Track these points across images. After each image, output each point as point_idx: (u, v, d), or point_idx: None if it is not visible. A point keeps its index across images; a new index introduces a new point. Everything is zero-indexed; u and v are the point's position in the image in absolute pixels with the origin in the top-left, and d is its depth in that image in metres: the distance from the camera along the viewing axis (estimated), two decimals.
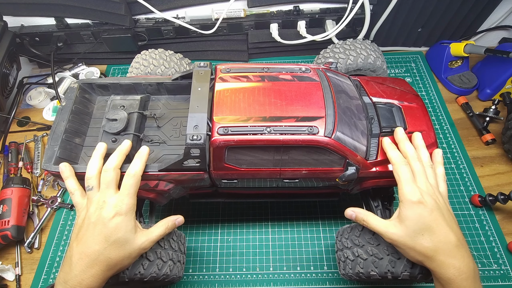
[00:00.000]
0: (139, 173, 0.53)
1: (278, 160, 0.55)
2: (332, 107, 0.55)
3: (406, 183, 0.52)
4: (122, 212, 0.50)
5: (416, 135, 0.59)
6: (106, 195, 0.51)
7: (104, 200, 0.51)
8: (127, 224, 0.51)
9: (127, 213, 0.51)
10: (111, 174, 0.52)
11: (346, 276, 0.61)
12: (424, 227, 0.50)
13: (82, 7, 0.90)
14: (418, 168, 0.54)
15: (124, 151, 0.55)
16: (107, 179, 0.52)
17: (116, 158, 0.53)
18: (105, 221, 0.50)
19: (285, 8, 0.96)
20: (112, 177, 0.52)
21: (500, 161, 0.85)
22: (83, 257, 0.49)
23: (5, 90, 0.90)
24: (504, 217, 0.76)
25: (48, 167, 0.55)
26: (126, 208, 0.51)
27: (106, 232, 0.49)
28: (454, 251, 0.49)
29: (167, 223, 0.56)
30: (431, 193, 0.52)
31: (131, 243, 0.51)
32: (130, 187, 0.52)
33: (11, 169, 0.84)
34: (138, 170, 0.53)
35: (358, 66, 0.81)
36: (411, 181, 0.52)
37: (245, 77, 0.59)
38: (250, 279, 0.70)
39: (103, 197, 0.51)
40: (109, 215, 0.50)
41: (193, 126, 0.51)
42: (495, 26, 1.00)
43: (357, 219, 0.56)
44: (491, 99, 0.94)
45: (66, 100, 0.61)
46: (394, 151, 0.56)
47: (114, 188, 0.52)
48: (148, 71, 0.80)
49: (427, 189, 0.52)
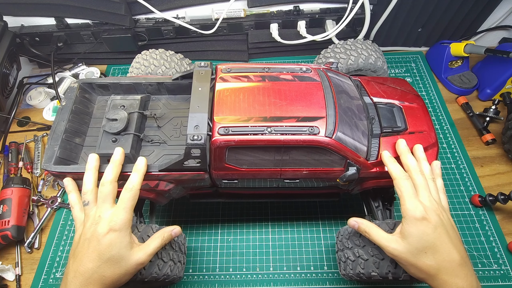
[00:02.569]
0: (137, 187, 0.52)
1: (278, 160, 0.55)
2: (333, 107, 0.55)
3: (408, 198, 0.51)
4: (116, 228, 0.49)
5: (417, 147, 0.58)
6: (102, 210, 0.50)
7: (100, 215, 0.50)
8: (121, 240, 0.49)
9: (121, 228, 0.49)
10: (108, 188, 0.51)
11: (347, 276, 0.61)
12: (428, 245, 0.48)
13: (82, 7, 0.90)
14: (420, 181, 0.53)
15: (118, 161, 0.53)
16: (104, 193, 0.51)
17: (112, 171, 0.52)
18: (99, 237, 0.48)
19: (285, 8, 0.96)
20: (109, 191, 0.51)
21: (500, 161, 0.85)
22: (77, 276, 0.48)
23: (5, 90, 0.90)
24: (504, 217, 0.76)
25: (48, 167, 0.55)
26: (120, 223, 0.49)
27: (100, 249, 0.48)
28: (458, 270, 0.48)
29: (163, 235, 0.54)
30: (434, 209, 0.50)
31: (127, 260, 0.49)
32: (127, 201, 0.50)
33: (11, 169, 0.84)
34: (136, 184, 0.51)
35: (359, 66, 0.81)
36: (414, 196, 0.51)
37: (245, 77, 0.59)
38: (250, 279, 0.70)
39: (99, 212, 0.50)
40: (103, 231, 0.48)
41: (194, 126, 0.51)
42: (495, 26, 1.00)
43: (360, 230, 0.55)
44: (491, 99, 0.94)
45: (66, 100, 0.60)
46: (394, 164, 0.55)
47: (111, 203, 0.51)
48: (148, 71, 0.80)
49: (431, 204, 0.51)
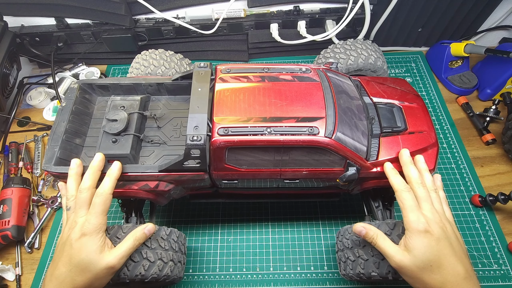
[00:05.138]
0: (108, 191, 0.52)
1: (278, 161, 0.55)
2: (333, 108, 0.55)
3: (410, 210, 0.50)
4: (87, 232, 0.50)
5: (418, 158, 0.57)
6: (78, 215, 0.51)
7: (75, 220, 0.51)
8: (91, 245, 0.49)
9: (92, 233, 0.50)
10: (85, 194, 0.52)
11: (347, 276, 0.61)
12: (432, 258, 0.48)
13: (82, 7, 0.90)
14: (422, 193, 0.52)
15: (96, 167, 0.53)
16: (80, 200, 0.52)
17: (89, 178, 0.53)
18: (72, 242, 0.50)
19: (285, 8, 0.96)
20: (85, 197, 0.52)
21: (501, 161, 0.85)
22: (52, 279, 0.50)
23: (5, 90, 0.90)
24: (504, 217, 0.76)
25: (48, 168, 0.55)
26: (91, 228, 0.50)
27: (71, 254, 0.49)
28: (463, 284, 0.48)
29: (135, 234, 0.53)
30: (437, 221, 0.50)
31: (95, 263, 0.49)
32: (97, 206, 0.51)
33: (12, 169, 0.84)
34: (107, 188, 0.52)
35: (358, 66, 0.81)
36: (416, 208, 0.51)
37: (245, 78, 0.59)
38: (251, 279, 0.70)
39: (75, 217, 0.52)
40: (76, 235, 0.50)
41: (193, 126, 0.51)
42: (495, 26, 1.00)
43: (367, 236, 0.54)
44: (492, 99, 0.94)
45: (66, 101, 0.60)
46: (396, 176, 0.55)
47: (86, 208, 0.52)
48: (148, 72, 0.80)
49: (433, 216, 0.50)
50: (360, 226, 0.55)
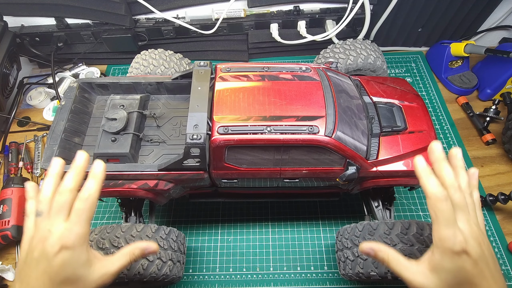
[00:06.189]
0: (94, 195, 0.43)
1: (278, 160, 0.55)
2: (333, 107, 0.55)
3: (446, 225, 0.41)
4: (69, 245, 0.40)
5: (455, 152, 0.46)
6: (54, 223, 0.41)
7: (50, 229, 0.41)
8: (77, 259, 0.41)
9: (75, 246, 0.41)
10: (65, 197, 0.42)
11: (346, 276, 0.61)
12: (465, 281, 0.40)
13: (82, 7, 0.90)
14: (459, 200, 0.42)
15: (81, 167, 0.45)
16: (59, 203, 0.42)
17: (72, 178, 0.43)
18: (49, 256, 0.40)
19: (285, 8, 0.96)
20: (65, 200, 0.42)
21: (501, 161, 0.85)
22: None
23: (5, 90, 0.90)
24: (504, 217, 0.76)
25: (48, 167, 0.55)
26: (75, 239, 0.41)
27: (51, 272, 0.40)
28: None
29: (133, 252, 0.46)
30: (475, 236, 0.41)
31: (85, 279, 0.42)
32: (81, 213, 0.42)
33: (12, 169, 0.84)
34: (93, 192, 0.43)
35: (358, 66, 0.81)
36: (453, 223, 0.41)
37: (245, 77, 0.59)
38: (250, 279, 0.70)
39: (49, 225, 0.41)
40: (53, 249, 0.40)
41: (193, 125, 0.51)
42: (495, 26, 1.00)
43: (377, 258, 0.47)
44: (492, 99, 0.94)
45: (66, 100, 0.60)
46: (431, 179, 0.42)
47: (65, 215, 0.42)
48: (147, 71, 0.80)
49: (471, 231, 0.41)
50: (367, 247, 0.47)
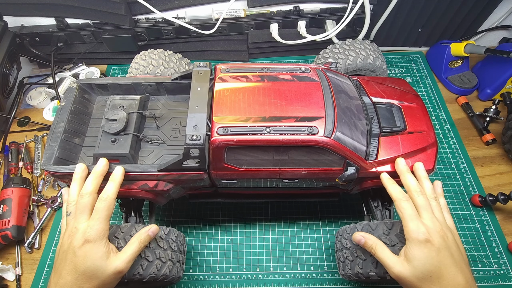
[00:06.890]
0: (112, 196, 0.52)
1: (277, 160, 0.55)
2: (332, 107, 0.55)
3: (410, 220, 0.50)
4: (91, 239, 0.49)
5: (418, 166, 0.57)
6: (79, 221, 0.50)
7: (76, 227, 0.50)
8: (96, 251, 0.49)
9: (96, 239, 0.49)
10: (86, 199, 0.51)
11: (346, 276, 0.61)
12: (432, 269, 0.47)
13: (82, 7, 0.90)
14: (422, 202, 0.51)
15: (100, 172, 0.53)
16: (82, 205, 0.51)
17: (91, 183, 0.52)
18: (75, 249, 0.49)
19: (285, 8, 0.96)
20: (87, 202, 0.51)
21: (501, 161, 0.85)
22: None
23: (5, 90, 0.90)
24: (504, 217, 0.76)
25: (47, 168, 0.55)
26: (95, 234, 0.49)
27: (76, 261, 0.48)
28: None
29: (140, 237, 0.53)
30: (438, 230, 0.49)
31: (103, 270, 0.49)
32: (101, 212, 0.50)
33: (12, 169, 0.84)
34: (111, 193, 0.51)
35: (357, 66, 0.81)
36: (416, 217, 0.50)
37: (244, 77, 0.59)
38: (250, 279, 0.70)
39: (76, 223, 0.50)
40: (78, 242, 0.49)
41: (193, 126, 0.51)
42: (495, 26, 1.00)
43: (366, 246, 0.54)
44: (492, 99, 0.94)
45: (65, 100, 0.61)
46: (393, 186, 0.54)
47: (88, 214, 0.51)
48: (147, 72, 0.80)
49: (434, 225, 0.49)
50: (359, 235, 0.55)
